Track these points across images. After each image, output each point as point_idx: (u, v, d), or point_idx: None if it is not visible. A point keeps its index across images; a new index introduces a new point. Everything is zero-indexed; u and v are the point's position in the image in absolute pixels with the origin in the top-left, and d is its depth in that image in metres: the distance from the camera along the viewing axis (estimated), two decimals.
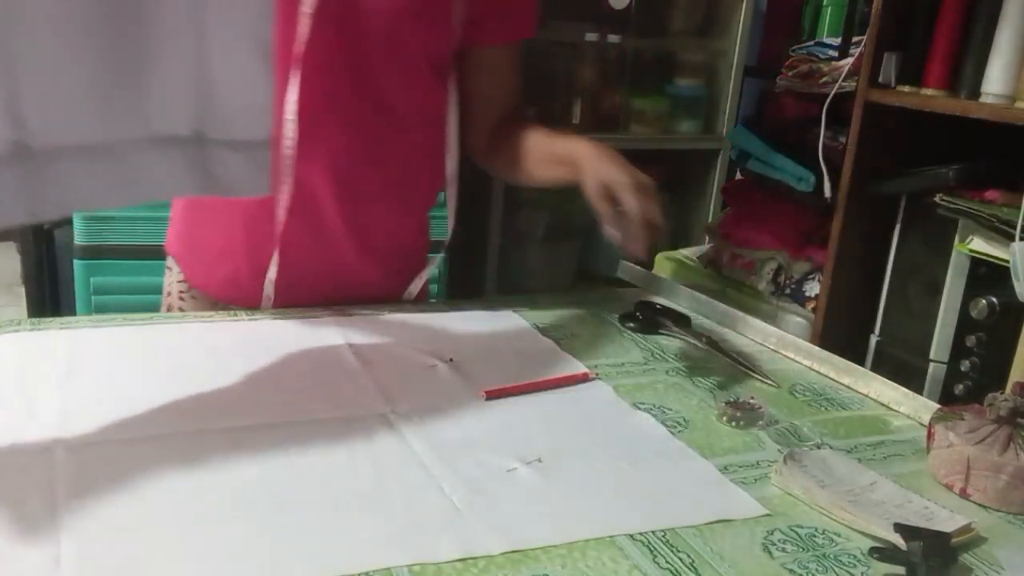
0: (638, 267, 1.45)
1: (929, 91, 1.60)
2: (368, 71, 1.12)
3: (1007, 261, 1.41)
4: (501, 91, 1.25)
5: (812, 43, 2.04)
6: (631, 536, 0.73)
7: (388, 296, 1.26)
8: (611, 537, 0.72)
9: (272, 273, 1.18)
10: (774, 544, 0.74)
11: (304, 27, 1.07)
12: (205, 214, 1.22)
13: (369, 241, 1.21)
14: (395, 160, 1.19)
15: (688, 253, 2.38)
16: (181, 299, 1.25)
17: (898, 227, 1.71)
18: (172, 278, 1.27)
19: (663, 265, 2.31)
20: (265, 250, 1.17)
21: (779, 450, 0.90)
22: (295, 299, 1.19)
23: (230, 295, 1.22)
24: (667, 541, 0.73)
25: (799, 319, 1.92)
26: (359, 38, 1.10)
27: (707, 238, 2.34)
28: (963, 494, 0.84)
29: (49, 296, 2.34)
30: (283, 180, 1.13)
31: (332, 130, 1.13)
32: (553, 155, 1.17)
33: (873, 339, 1.77)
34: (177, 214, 1.27)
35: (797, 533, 0.76)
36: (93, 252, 2.04)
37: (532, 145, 1.20)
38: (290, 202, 1.14)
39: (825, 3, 2.34)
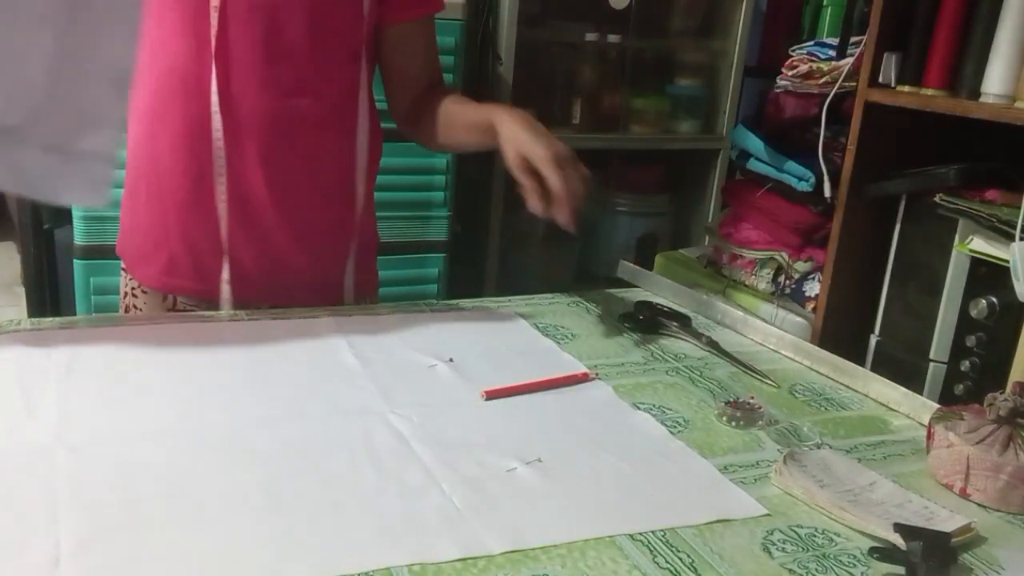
0: (638, 267, 1.46)
1: (929, 91, 1.60)
2: (283, 58, 1.14)
3: (1007, 261, 1.41)
4: (418, 64, 1.28)
5: (812, 43, 2.04)
6: (631, 536, 0.73)
7: (324, 285, 1.27)
8: (611, 537, 0.73)
9: (225, 273, 1.20)
10: (774, 544, 0.74)
11: (214, 22, 1.10)
12: (138, 209, 1.24)
13: (300, 225, 1.22)
14: (316, 139, 1.21)
15: (688, 253, 2.38)
16: (135, 296, 1.27)
17: (898, 227, 1.71)
18: (126, 277, 1.29)
19: (663, 265, 2.31)
20: (197, 236, 1.20)
21: (779, 450, 0.90)
22: (247, 294, 1.21)
23: (168, 284, 1.24)
24: (667, 541, 0.73)
25: (799, 319, 1.91)
26: (270, 28, 1.13)
27: (707, 238, 2.34)
28: (963, 494, 0.84)
29: (49, 296, 2.34)
30: (218, 173, 1.15)
31: (254, 119, 1.15)
32: (472, 122, 1.20)
33: (873, 339, 1.77)
34: (121, 216, 1.29)
35: (797, 533, 0.76)
36: (93, 252, 2.03)
37: (452, 112, 1.23)
38: (228, 195, 1.16)
39: (825, 3, 2.34)
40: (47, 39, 0.90)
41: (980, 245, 1.52)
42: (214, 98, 1.13)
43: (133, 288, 1.27)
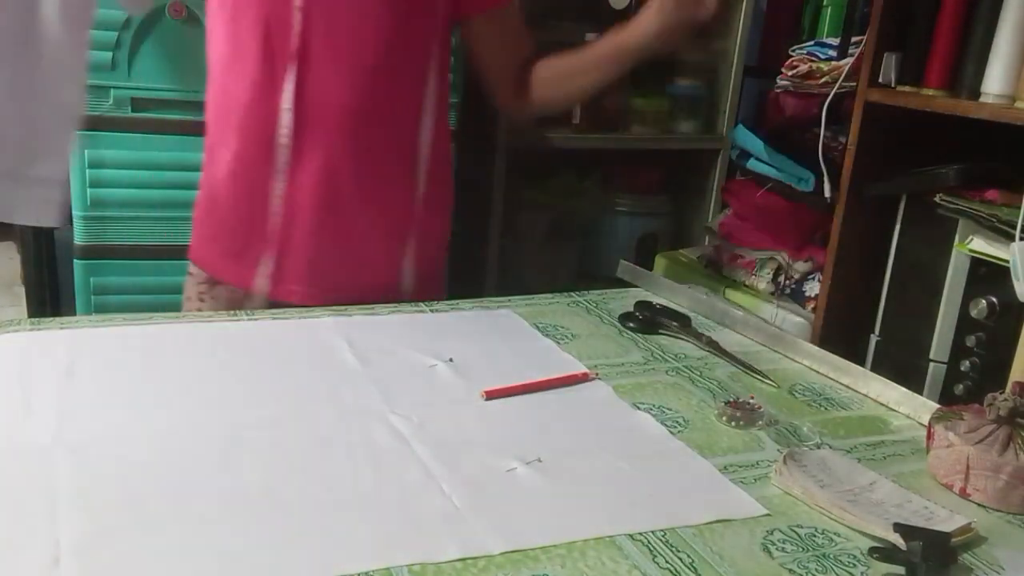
0: (638, 267, 1.45)
1: (929, 91, 1.60)
2: (363, 47, 1.16)
3: (1007, 261, 1.41)
4: (513, 48, 1.30)
5: (812, 43, 2.04)
6: (631, 536, 0.73)
7: (382, 273, 1.28)
8: (611, 537, 0.73)
9: (268, 265, 1.21)
10: (774, 544, 0.74)
11: (297, 22, 1.12)
12: (219, 211, 1.25)
13: (371, 207, 1.23)
14: (388, 125, 1.22)
15: (688, 253, 2.38)
16: (201, 300, 1.28)
17: (898, 227, 1.71)
18: (191, 282, 1.30)
19: (663, 265, 2.31)
20: (258, 233, 1.21)
21: (779, 450, 0.90)
22: (296, 286, 1.22)
23: (256, 284, 1.25)
24: (667, 541, 0.73)
25: (799, 319, 1.91)
26: (352, 24, 1.14)
27: (707, 238, 2.34)
28: (963, 494, 0.84)
29: (49, 296, 2.34)
30: (278, 169, 1.17)
31: (333, 110, 1.16)
32: (601, 54, 1.28)
33: (873, 339, 1.77)
34: (196, 217, 1.30)
35: (797, 533, 0.76)
36: (93, 252, 2.03)
37: (566, 63, 1.29)
38: (290, 190, 1.18)
39: (825, 3, 2.34)
40: None
41: (980, 245, 1.52)
42: (286, 95, 1.14)
43: (201, 292, 1.28)
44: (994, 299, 1.51)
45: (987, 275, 1.52)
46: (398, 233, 1.28)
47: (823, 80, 1.93)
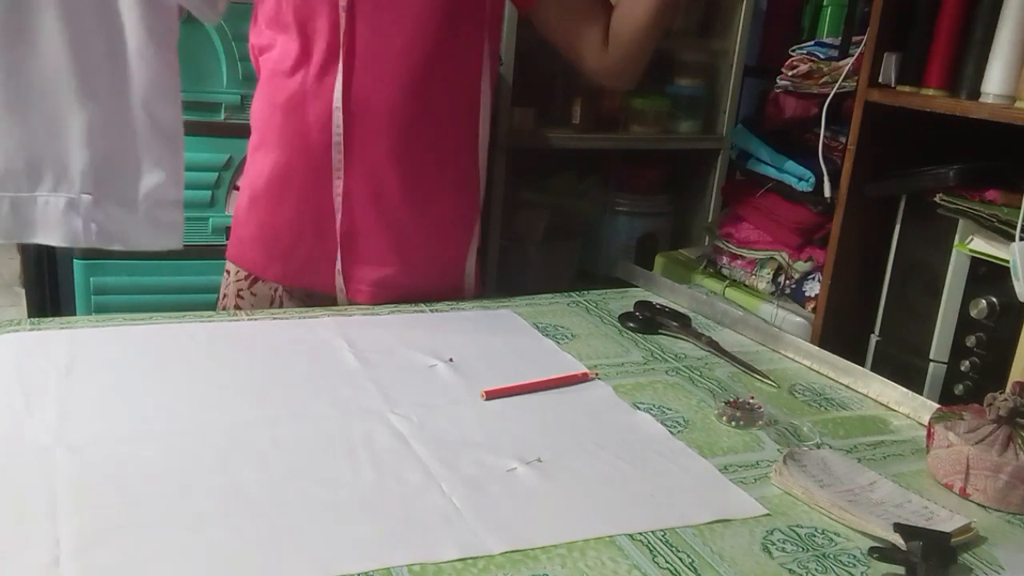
0: (638, 267, 1.46)
1: (929, 91, 1.60)
2: (412, 50, 1.16)
3: (1007, 261, 1.41)
4: (590, 13, 1.28)
5: (812, 43, 2.04)
6: (631, 536, 0.73)
7: (447, 275, 1.29)
8: (611, 537, 0.73)
9: (339, 264, 1.23)
10: (774, 544, 0.74)
11: (342, 22, 1.13)
12: (267, 210, 1.25)
13: (430, 216, 1.25)
14: (444, 129, 1.23)
15: (688, 253, 2.38)
16: (240, 297, 1.29)
17: (898, 227, 1.71)
18: (229, 280, 1.30)
19: (663, 265, 2.31)
20: (323, 233, 1.23)
21: (779, 450, 0.90)
22: (364, 286, 1.24)
23: (310, 280, 1.26)
24: (667, 541, 0.73)
25: (799, 319, 1.91)
26: (397, 23, 1.15)
27: (707, 238, 2.34)
28: (963, 494, 0.84)
29: (49, 296, 2.34)
30: (336, 168, 1.18)
31: (383, 113, 1.17)
32: None
33: (873, 339, 1.77)
34: (238, 217, 1.30)
35: (797, 533, 0.76)
36: (93, 252, 2.03)
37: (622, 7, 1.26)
38: (344, 189, 1.19)
39: (825, 3, 2.34)
40: (94, 112, 1.01)
41: (980, 245, 1.52)
42: (336, 95, 1.15)
43: (240, 290, 1.28)
44: (994, 299, 1.51)
45: (987, 275, 1.52)
46: (463, 233, 1.30)
47: (823, 80, 1.93)
